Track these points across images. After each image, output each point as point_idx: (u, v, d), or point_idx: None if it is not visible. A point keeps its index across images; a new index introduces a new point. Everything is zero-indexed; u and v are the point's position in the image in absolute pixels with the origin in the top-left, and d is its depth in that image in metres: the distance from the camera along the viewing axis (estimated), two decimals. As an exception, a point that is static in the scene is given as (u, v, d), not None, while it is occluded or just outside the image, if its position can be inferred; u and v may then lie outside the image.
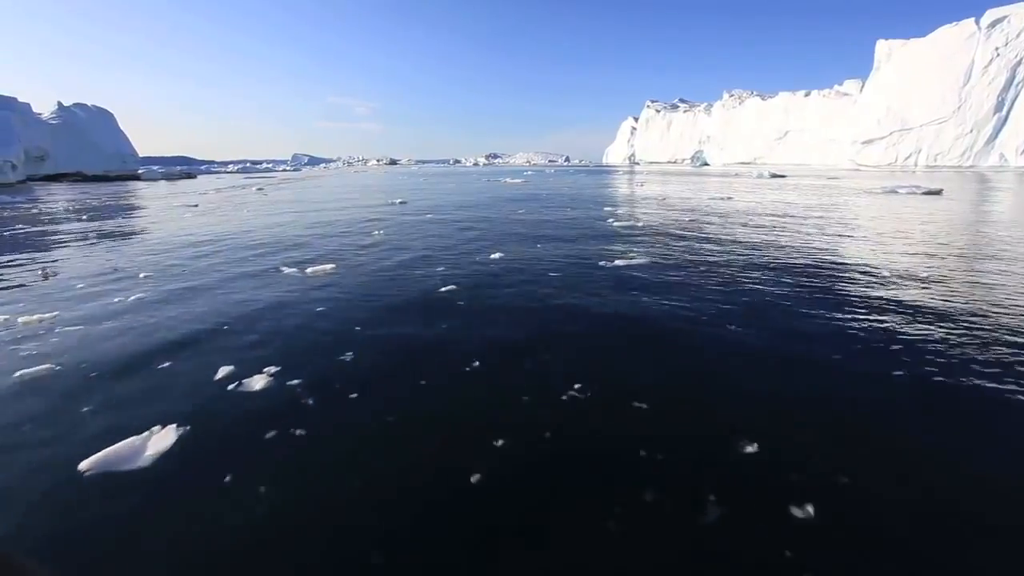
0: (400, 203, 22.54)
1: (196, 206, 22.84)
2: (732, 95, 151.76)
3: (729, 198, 22.60)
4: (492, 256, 9.46)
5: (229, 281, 7.78)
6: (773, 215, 16.04)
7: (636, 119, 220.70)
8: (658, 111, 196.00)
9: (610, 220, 15.09)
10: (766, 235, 11.81)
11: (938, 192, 24.81)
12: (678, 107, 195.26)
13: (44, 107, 76.79)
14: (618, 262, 8.83)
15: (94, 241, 12.27)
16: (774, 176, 50.65)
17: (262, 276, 8.12)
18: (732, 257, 9.29)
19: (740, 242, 10.89)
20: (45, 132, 67.93)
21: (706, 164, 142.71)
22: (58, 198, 29.71)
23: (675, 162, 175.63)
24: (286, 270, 8.49)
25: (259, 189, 37.49)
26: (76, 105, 79.89)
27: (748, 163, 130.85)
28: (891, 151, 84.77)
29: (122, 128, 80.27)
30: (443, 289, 7.10)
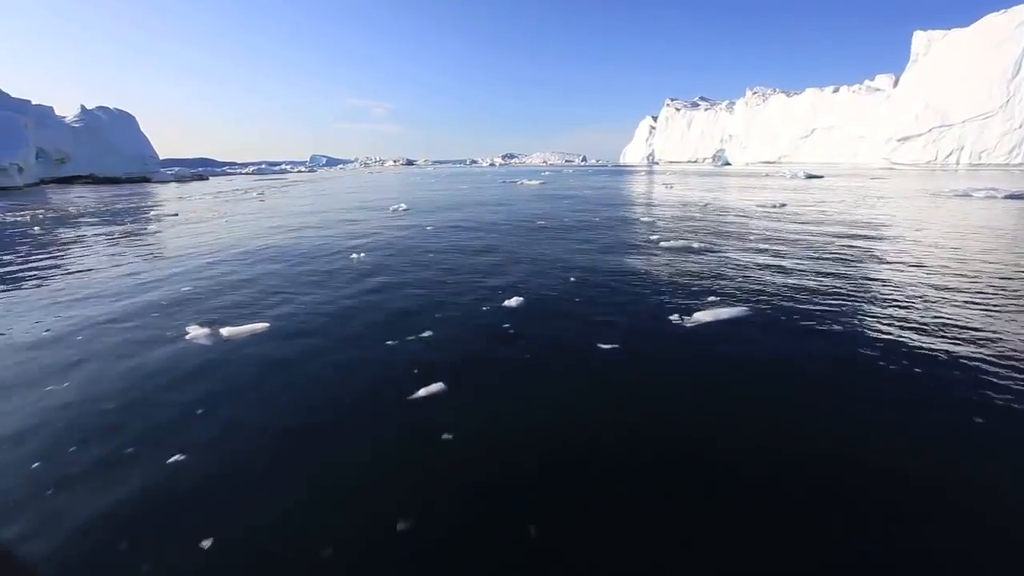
0: (403, 211, 20.04)
1: (176, 215, 20.71)
2: (755, 92, 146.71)
3: (782, 205, 19.52)
4: (507, 304, 6.68)
5: (95, 353, 5.18)
6: (850, 229, 13.11)
7: (654, 118, 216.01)
8: (678, 109, 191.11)
9: (655, 237, 12.29)
10: (875, 263, 8.97)
11: None
12: (698, 105, 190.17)
13: (70, 110, 77.36)
14: (699, 316, 6.06)
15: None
16: (810, 177, 47.07)
17: (154, 342, 5.49)
18: (858, 303, 6.50)
19: (851, 275, 8.09)
20: (67, 135, 68.34)
21: (727, 164, 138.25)
22: (47, 204, 27.93)
23: (695, 161, 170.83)
24: (194, 331, 5.77)
25: (259, 194, 35.47)
26: (99, 108, 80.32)
27: (772, 162, 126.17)
28: (930, 148, 79.84)
29: (146, 131, 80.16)
30: (418, 394, 4.16)
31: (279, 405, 4.01)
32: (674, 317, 6.00)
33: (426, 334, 5.56)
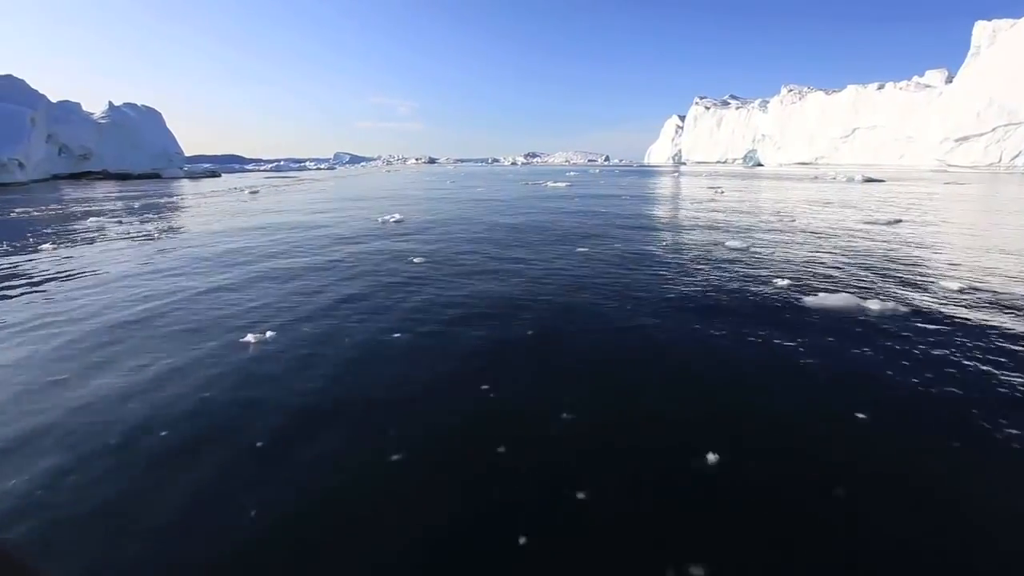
0: (393, 224, 15.82)
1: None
2: (791, 90, 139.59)
3: (897, 221, 14.83)
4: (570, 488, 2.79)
5: None
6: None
7: (681, 117, 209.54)
8: (707, 108, 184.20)
9: (783, 282, 7.95)
10: None
11: None
12: (729, 104, 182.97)
13: (97, 106, 78.65)
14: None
15: None
16: (869, 180, 41.81)
17: None
18: None
19: None
20: (91, 131, 68.49)
21: (759, 164, 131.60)
22: (32, 203, 25.13)
23: (725, 162, 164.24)
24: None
25: (252, 192, 32.62)
26: (126, 105, 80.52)
27: (808, 163, 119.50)
28: (993, 149, 72.83)
29: (180, 128, 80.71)
30: None
31: None
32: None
33: None
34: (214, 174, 76.99)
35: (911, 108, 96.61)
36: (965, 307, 6.49)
